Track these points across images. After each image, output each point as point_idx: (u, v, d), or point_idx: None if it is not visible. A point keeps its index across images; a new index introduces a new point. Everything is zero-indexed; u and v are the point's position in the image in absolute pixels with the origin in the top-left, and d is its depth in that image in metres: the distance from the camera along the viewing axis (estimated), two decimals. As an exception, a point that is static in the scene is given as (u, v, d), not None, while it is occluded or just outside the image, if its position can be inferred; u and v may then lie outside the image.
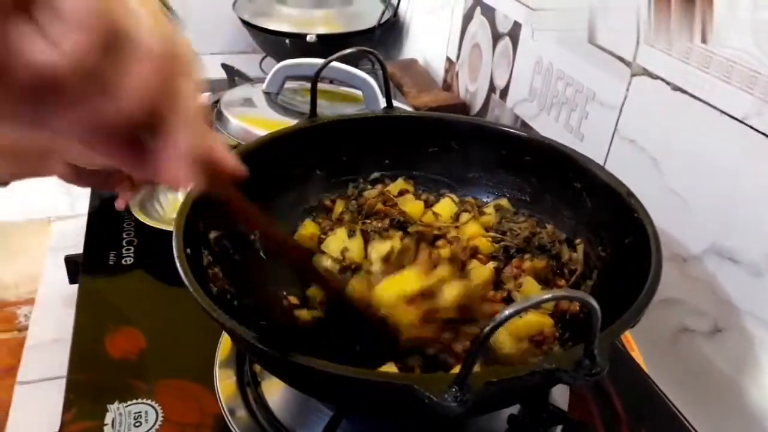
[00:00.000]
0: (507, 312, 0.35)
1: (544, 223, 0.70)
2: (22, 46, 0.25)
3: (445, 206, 0.73)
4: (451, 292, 0.56)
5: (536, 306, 0.35)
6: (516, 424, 0.56)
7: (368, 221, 0.70)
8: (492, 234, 0.69)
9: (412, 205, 0.72)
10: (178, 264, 0.48)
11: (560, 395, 0.61)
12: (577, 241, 0.67)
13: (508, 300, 0.64)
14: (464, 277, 0.63)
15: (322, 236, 0.69)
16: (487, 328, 0.35)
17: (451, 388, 0.37)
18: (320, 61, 0.71)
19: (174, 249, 0.50)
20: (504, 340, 0.56)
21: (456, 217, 0.72)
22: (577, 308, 0.61)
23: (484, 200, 0.75)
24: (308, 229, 0.69)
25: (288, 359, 0.41)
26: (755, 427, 0.65)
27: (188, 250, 0.51)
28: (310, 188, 0.71)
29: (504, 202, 0.73)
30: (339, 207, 0.72)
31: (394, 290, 0.55)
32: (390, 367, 0.52)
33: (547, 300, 0.35)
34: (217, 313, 0.45)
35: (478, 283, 0.62)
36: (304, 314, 0.61)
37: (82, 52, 0.26)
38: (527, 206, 0.73)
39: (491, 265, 0.65)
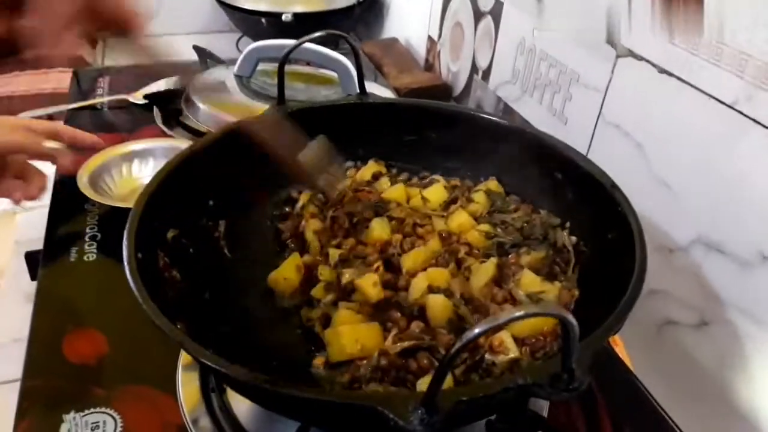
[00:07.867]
0: (476, 331, 0.32)
1: (538, 209, 0.66)
2: None
3: (436, 192, 0.68)
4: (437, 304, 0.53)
5: (505, 325, 0.32)
6: (493, 431, 0.53)
7: (339, 207, 0.65)
8: (485, 228, 0.64)
9: (392, 190, 0.68)
10: (128, 272, 0.45)
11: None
12: (566, 225, 0.63)
13: (513, 301, 0.58)
14: (462, 276, 0.59)
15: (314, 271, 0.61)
16: (453, 349, 0.32)
17: (417, 410, 0.34)
18: (293, 42, 0.67)
19: (124, 254, 0.46)
20: (509, 344, 0.51)
21: (446, 206, 0.67)
22: (573, 302, 0.57)
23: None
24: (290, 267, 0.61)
25: (248, 381, 0.38)
26: (742, 423, 0.63)
27: (140, 255, 0.47)
28: (278, 179, 0.68)
29: (493, 184, 0.69)
30: (304, 199, 0.68)
31: (346, 340, 0.52)
32: None
33: (519, 317, 0.32)
34: (171, 330, 0.42)
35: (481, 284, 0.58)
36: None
37: None
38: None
39: (494, 260, 0.59)
